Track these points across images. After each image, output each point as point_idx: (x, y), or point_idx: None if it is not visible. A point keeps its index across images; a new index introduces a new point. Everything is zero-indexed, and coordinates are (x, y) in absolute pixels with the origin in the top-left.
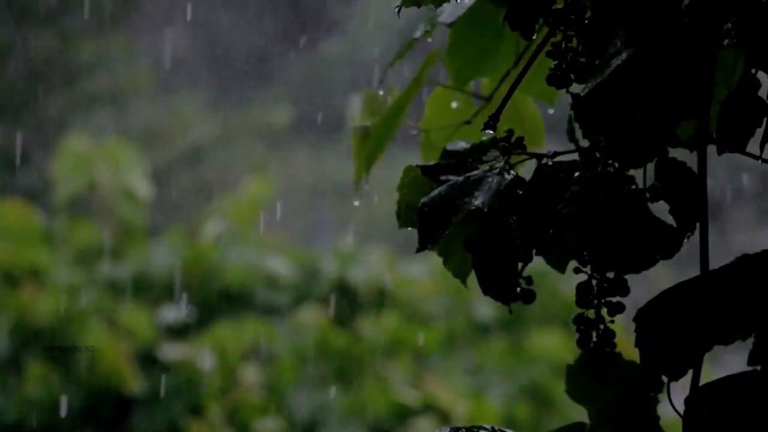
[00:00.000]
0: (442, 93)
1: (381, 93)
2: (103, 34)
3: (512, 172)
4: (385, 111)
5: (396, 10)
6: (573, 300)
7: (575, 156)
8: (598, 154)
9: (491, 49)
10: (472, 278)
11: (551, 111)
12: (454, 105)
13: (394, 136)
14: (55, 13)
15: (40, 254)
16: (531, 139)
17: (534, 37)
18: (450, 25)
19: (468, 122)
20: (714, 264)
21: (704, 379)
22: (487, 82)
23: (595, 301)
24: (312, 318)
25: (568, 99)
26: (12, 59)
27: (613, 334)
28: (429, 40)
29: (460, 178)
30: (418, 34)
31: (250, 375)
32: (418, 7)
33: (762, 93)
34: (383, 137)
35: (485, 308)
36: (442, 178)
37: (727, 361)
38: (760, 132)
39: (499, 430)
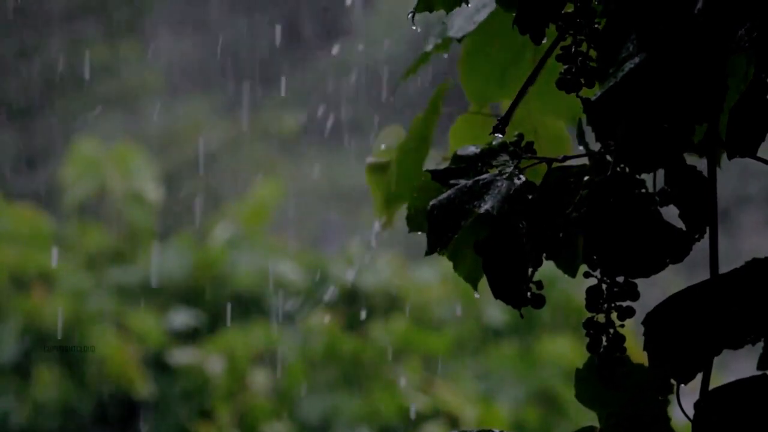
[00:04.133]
0: (464, 121)
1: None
2: (114, 39)
3: (522, 176)
4: (398, 147)
5: (409, 15)
6: (583, 304)
7: (585, 160)
8: (608, 158)
9: (509, 67)
10: (484, 283)
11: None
12: None
13: (420, 172)
14: (66, 18)
15: (50, 258)
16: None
17: (544, 41)
18: (460, 40)
19: None
20: (723, 268)
21: (713, 384)
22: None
23: (605, 306)
24: (321, 322)
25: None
26: (23, 63)
27: (622, 338)
28: (445, 55)
29: (470, 182)
30: (429, 47)
31: (260, 379)
32: (430, 12)
33: None
34: (405, 175)
35: (495, 313)
36: (452, 182)
37: (735, 366)
38: None
39: None
